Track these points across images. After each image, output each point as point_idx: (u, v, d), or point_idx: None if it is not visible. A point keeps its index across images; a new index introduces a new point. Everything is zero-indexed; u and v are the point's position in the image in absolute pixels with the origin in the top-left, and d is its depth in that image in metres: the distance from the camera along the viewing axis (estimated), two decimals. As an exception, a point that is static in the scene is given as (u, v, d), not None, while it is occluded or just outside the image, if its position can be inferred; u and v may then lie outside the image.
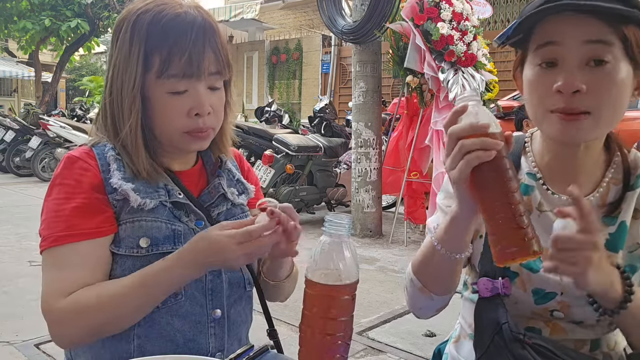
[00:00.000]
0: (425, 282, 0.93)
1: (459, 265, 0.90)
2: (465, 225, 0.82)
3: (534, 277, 0.91)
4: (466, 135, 0.74)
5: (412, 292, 0.97)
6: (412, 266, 0.95)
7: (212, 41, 0.93)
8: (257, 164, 5.36)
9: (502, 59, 8.45)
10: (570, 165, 0.93)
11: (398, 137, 5.11)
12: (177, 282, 0.87)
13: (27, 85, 20.23)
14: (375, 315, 3.11)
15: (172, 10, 0.92)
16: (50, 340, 2.53)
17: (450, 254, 0.85)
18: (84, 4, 12.34)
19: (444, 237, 0.85)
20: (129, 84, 0.91)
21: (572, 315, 0.91)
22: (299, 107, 12.01)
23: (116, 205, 0.92)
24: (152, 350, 0.92)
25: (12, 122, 8.96)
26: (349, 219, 0.74)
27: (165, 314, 0.93)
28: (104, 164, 0.94)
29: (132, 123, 0.92)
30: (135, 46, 0.91)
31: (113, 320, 0.87)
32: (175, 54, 0.89)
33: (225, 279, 0.99)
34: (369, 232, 5.13)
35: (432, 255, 0.88)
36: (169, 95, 0.92)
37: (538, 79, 0.86)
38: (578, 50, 0.82)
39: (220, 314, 0.98)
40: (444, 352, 1.11)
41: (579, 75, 0.81)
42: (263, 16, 13.52)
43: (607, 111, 0.83)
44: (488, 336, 0.88)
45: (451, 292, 0.95)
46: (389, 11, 4.75)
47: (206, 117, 0.94)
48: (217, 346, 0.98)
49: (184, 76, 0.90)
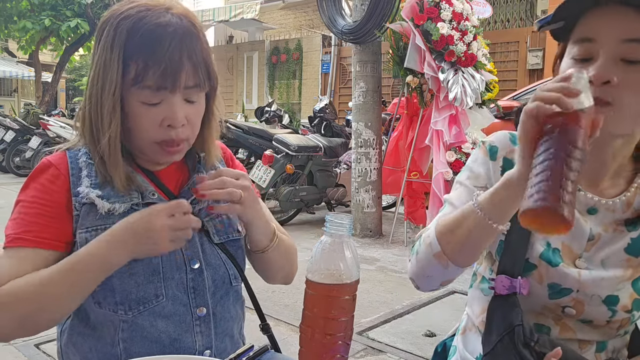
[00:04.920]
0: (446, 248, 0.87)
1: (492, 237, 0.84)
2: (515, 193, 0.76)
3: (552, 271, 0.91)
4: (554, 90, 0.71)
5: (425, 257, 0.90)
6: (437, 228, 0.89)
7: (191, 53, 0.90)
8: (257, 164, 5.35)
9: (502, 59, 8.45)
10: (597, 165, 0.92)
11: (398, 137, 5.11)
12: (104, 263, 0.87)
13: (27, 85, 20.23)
14: (375, 315, 3.10)
15: (154, 18, 0.89)
16: (50, 340, 2.55)
17: (491, 221, 0.80)
18: (84, 4, 12.32)
19: (489, 201, 0.80)
20: (109, 89, 0.90)
21: (584, 314, 0.91)
22: (299, 107, 12.01)
23: (79, 208, 0.92)
24: (139, 352, 0.92)
25: (12, 122, 8.97)
26: (350, 219, 0.74)
27: (147, 316, 0.92)
28: (75, 169, 0.94)
29: (112, 133, 0.91)
30: (115, 51, 0.89)
31: (39, 311, 0.85)
32: (151, 66, 0.87)
33: (208, 276, 0.98)
34: (369, 232, 5.13)
35: (466, 219, 0.84)
36: (143, 105, 0.91)
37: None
38: (615, 48, 0.81)
39: (205, 311, 0.97)
40: (452, 345, 1.11)
41: (613, 68, 0.81)
42: (263, 16, 13.52)
43: (632, 106, 0.82)
44: (498, 334, 0.88)
45: (468, 265, 0.90)
46: (389, 11, 4.75)
47: (179, 129, 0.92)
48: (205, 344, 0.98)
49: (158, 89, 0.89)
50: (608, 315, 0.90)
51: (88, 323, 0.94)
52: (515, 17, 9.70)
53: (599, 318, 0.91)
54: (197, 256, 0.98)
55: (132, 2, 0.93)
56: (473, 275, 1.06)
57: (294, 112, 11.59)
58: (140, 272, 0.91)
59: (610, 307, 0.90)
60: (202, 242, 1.00)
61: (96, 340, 0.94)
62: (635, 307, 0.91)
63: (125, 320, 0.92)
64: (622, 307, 0.90)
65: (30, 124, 9.04)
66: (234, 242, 1.04)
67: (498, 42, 8.32)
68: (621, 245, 0.92)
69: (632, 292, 0.90)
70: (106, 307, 0.91)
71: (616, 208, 0.93)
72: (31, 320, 0.86)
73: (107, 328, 0.93)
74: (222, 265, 1.01)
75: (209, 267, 0.99)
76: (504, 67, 8.37)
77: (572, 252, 0.93)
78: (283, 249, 1.08)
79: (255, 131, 5.73)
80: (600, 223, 0.93)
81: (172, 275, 0.94)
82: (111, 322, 0.92)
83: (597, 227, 0.93)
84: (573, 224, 0.63)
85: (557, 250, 0.93)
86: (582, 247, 0.93)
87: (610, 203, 0.93)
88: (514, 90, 7.06)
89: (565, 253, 0.93)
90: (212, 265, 0.99)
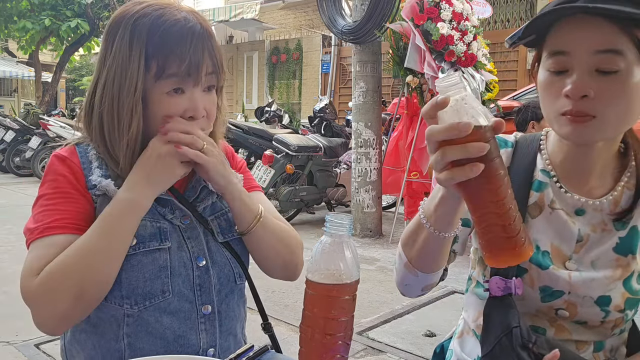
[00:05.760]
0: (410, 258, 0.89)
1: (447, 244, 0.86)
2: (455, 207, 0.78)
3: (543, 274, 0.91)
4: (448, 140, 0.66)
5: (400, 267, 0.94)
6: (401, 240, 0.92)
7: (210, 49, 0.94)
8: (257, 164, 5.36)
9: (502, 59, 8.45)
10: (582, 166, 0.93)
11: (398, 137, 5.11)
12: (134, 205, 0.90)
13: (27, 85, 20.23)
14: (375, 315, 3.11)
15: (172, 15, 0.92)
16: (51, 340, 2.55)
17: (439, 232, 0.81)
18: (84, 4, 12.33)
19: (433, 216, 0.81)
20: (129, 89, 0.91)
21: (578, 315, 0.91)
22: (299, 107, 12.01)
23: (96, 201, 0.93)
24: (143, 347, 0.92)
25: (12, 122, 8.97)
26: (350, 219, 0.74)
27: (153, 312, 0.93)
28: (86, 162, 0.95)
29: (132, 135, 0.92)
30: (136, 50, 0.90)
31: (90, 271, 0.85)
32: (174, 60, 0.90)
33: (214, 274, 0.99)
34: (369, 232, 5.13)
35: (419, 232, 0.85)
36: (166, 96, 0.93)
37: (549, 84, 0.87)
38: (588, 60, 0.81)
39: (211, 309, 0.98)
40: (448, 349, 1.11)
41: (589, 81, 0.81)
42: (263, 16, 13.52)
43: (614, 116, 0.83)
44: (496, 336, 0.88)
45: (436, 271, 0.92)
46: (389, 11, 4.75)
47: (199, 120, 0.96)
48: (209, 342, 0.98)
49: (183, 78, 0.92)
50: (601, 316, 0.90)
51: (90, 320, 0.94)
52: (515, 17, 9.71)
53: (592, 319, 0.91)
54: (203, 254, 0.98)
55: (140, 2, 0.94)
56: (468, 279, 1.06)
57: (294, 112, 11.59)
58: (147, 267, 0.92)
59: (603, 308, 0.90)
60: (208, 240, 1.00)
61: (100, 337, 0.94)
62: (628, 306, 0.91)
63: (131, 315, 0.92)
64: (614, 307, 0.90)
65: (30, 124, 9.04)
66: (238, 240, 1.04)
67: (498, 42, 8.31)
68: (610, 245, 0.92)
69: (623, 291, 0.90)
70: (112, 300, 0.91)
71: (604, 208, 0.93)
72: (85, 286, 0.85)
73: (110, 324, 0.93)
74: (228, 263, 1.01)
75: (215, 265, 0.99)
76: (504, 67, 8.37)
77: (562, 254, 0.93)
78: (273, 228, 1.04)
79: (255, 131, 5.73)
80: (588, 224, 0.93)
81: (179, 272, 0.95)
82: (114, 317, 0.92)
83: (585, 228, 0.93)
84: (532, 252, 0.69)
85: (546, 252, 0.93)
86: (572, 248, 0.93)
87: (597, 203, 0.93)
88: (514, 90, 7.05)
89: (554, 255, 0.93)
90: (218, 263, 1.00)
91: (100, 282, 0.87)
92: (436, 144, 0.68)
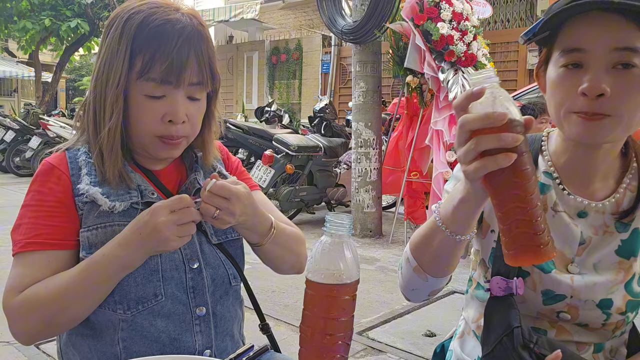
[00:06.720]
0: (422, 262, 0.89)
1: (460, 248, 0.85)
2: (475, 209, 0.77)
3: (545, 277, 0.91)
4: (481, 129, 0.66)
5: (407, 272, 0.92)
6: (411, 244, 0.91)
7: (198, 51, 0.92)
8: (257, 164, 5.36)
9: (502, 59, 8.45)
10: (587, 167, 0.92)
11: (398, 137, 5.11)
12: (120, 263, 0.88)
13: (27, 85, 20.23)
14: (375, 315, 3.11)
15: (164, 15, 0.91)
16: (51, 341, 2.54)
17: (455, 235, 0.80)
18: (84, 4, 12.33)
19: (450, 218, 0.80)
20: (114, 81, 0.91)
21: (579, 318, 0.91)
22: (299, 107, 12.00)
23: (82, 208, 0.93)
24: (138, 351, 0.92)
25: (12, 122, 8.97)
26: (350, 219, 0.74)
27: (147, 315, 0.93)
28: (75, 168, 0.95)
29: (113, 123, 0.92)
30: (123, 44, 0.90)
31: (63, 310, 0.88)
32: (157, 59, 0.89)
33: (207, 275, 0.98)
34: (369, 232, 5.13)
35: (434, 235, 0.84)
36: (146, 98, 0.92)
37: (562, 80, 0.85)
38: (605, 57, 0.81)
39: (205, 311, 0.98)
40: (449, 349, 1.11)
41: (605, 78, 0.80)
42: (263, 16, 13.51)
43: (629, 115, 0.82)
44: (497, 336, 0.87)
45: (447, 275, 0.91)
46: (389, 11, 4.75)
47: (180, 126, 0.93)
48: (205, 343, 0.98)
49: (162, 82, 0.90)
50: (603, 319, 0.90)
51: (87, 323, 0.94)
52: (515, 17, 9.70)
53: (594, 322, 0.91)
54: (195, 256, 0.98)
55: (142, 0, 0.94)
56: (469, 280, 1.06)
57: (294, 112, 11.57)
58: (139, 271, 0.91)
59: (605, 311, 0.90)
60: (201, 242, 1.00)
61: (95, 340, 0.94)
62: (629, 308, 0.90)
63: (125, 320, 0.92)
64: (616, 309, 0.90)
65: (30, 124, 9.03)
66: (232, 242, 1.04)
67: (498, 42, 8.31)
68: (612, 248, 0.92)
69: (625, 294, 0.90)
70: (105, 306, 0.91)
71: (606, 210, 0.92)
72: (56, 320, 0.88)
73: (106, 328, 0.93)
74: (221, 265, 1.01)
75: (208, 267, 0.99)
76: (504, 67, 8.36)
77: (564, 257, 0.93)
78: (282, 240, 1.05)
79: (255, 131, 5.73)
80: (591, 226, 0.93)
81: (171, 275, 0.94)
82: (110, 321, 0.92)
83: (587, 231, 0.92)
84: (555, 254, 0.67)
85: None
86: (574, 251, 0.93)
87: (600, 205, 0.92)
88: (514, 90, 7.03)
89: (557, 258, 0.92)
90: (211, 265, 0.99)
91: (73, 319, 0.90)
92: (469, 134, 0.67)
